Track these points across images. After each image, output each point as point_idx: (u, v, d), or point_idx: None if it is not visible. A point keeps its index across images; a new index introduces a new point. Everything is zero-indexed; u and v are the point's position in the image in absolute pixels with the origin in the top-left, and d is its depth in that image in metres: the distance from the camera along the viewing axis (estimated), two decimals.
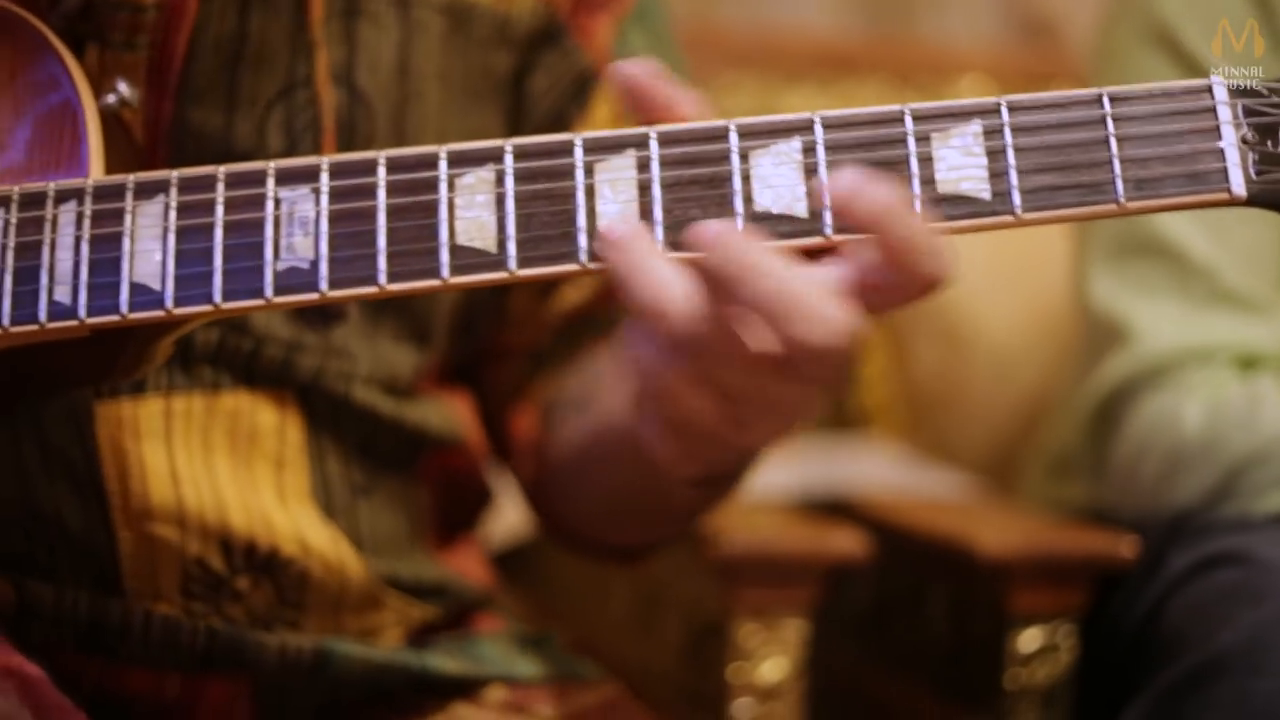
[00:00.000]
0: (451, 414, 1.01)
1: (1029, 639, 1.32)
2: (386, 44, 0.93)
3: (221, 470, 0.91)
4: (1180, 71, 1.30)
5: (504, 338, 1.03)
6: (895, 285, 0.69)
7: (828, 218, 0.71)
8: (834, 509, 1.53)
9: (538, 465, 1.03)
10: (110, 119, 0.82)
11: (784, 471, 1.62)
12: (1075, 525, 1.39)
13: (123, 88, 0.85)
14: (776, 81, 1.93)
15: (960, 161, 0.71)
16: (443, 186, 0.73)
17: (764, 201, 0.71)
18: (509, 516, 1.27)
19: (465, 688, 0.97)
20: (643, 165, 0.72)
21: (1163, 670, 1.15)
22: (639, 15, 1.02)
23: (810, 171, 0.71)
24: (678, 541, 1.05)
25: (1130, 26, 1.35)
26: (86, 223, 0.76)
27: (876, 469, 1.67)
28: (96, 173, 0.79)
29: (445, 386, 1.02)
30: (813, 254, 0.71)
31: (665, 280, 0.69)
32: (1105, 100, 0.71)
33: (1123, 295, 1.32)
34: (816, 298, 0.68)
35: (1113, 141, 0.71)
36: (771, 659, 1.29)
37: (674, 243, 0.71)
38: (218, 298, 0.74)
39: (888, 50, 2.11)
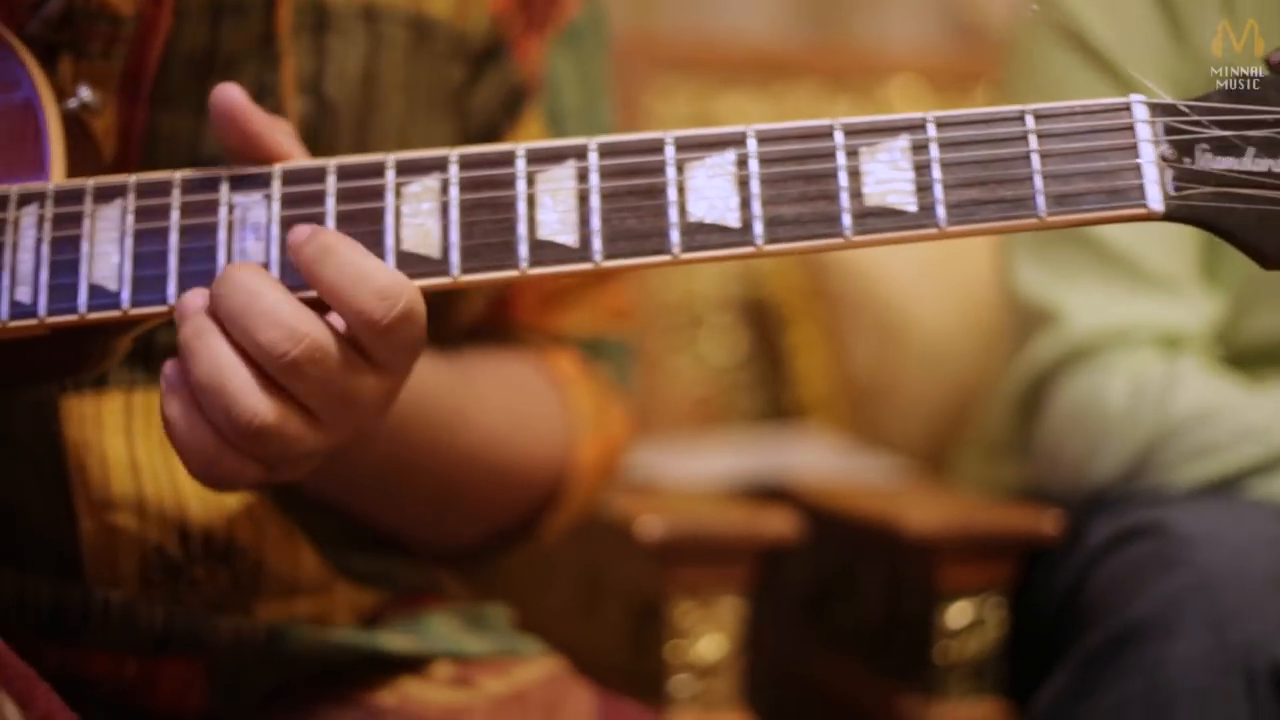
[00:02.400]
0: None
1: (958, 613, 1.35)
2: (354, 55, 0.95)
3: (180, 462, 0.93)
4: (1089, 68, 1.32)
5: None
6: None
7: (758, 228, 0.73)
8: (771, 495, 1.56)
9: None
10: (72, 122, 0.84)
11: (722, 460, 1.65)
12: (1002, 503, 1.42)
13: (84, 92, 0.86)
14: (713, 85, 1.95)
15: (888, 175, 0.73)
16: (389, 195, 0.75)
17: (697, 212, 0.73)
18: None
19: (413, 664, 0.99)
20: (582, 175, 0.74)
21: (1082, 639, 1.18)
22: (569, 37, 1.05)
23: (743, 183, 0.73)
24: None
25: (1040, 24, 1.37)
26: (47, 226, 0.78)
27: (813, 456, 1.70)
28: (57, 175, 0.80)
29: None
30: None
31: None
32: (1029, 117, 0.73)
33: (1047, 281, 1.34)
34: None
35: (1034, 157, 0.72)
36: (708, 636, 1.31)
37: (612, 253, 0.74)
38: (173, 299, 0.76)
39: (822, 53, 2.13)
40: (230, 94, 0.79)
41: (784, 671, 1.55)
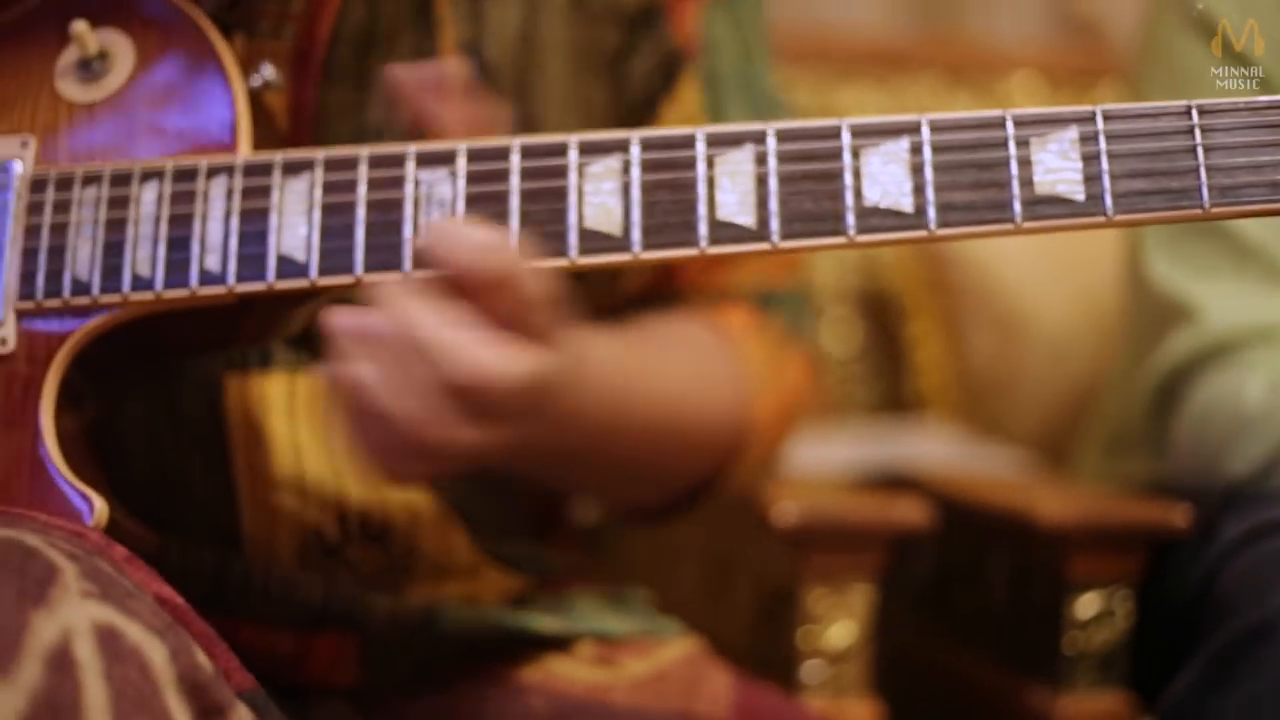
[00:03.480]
0: None
1: (1087, 604, 1.35)
2: (512, 17, 0.96)
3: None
4: (1222, 60, 1.33)
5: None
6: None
7: (931, 213, 0.75)
8: (896, 484, 1.57)
9: None
10: (255, 101, 0.86)
11: (844, 449, 1.66)
12: (1131, 497, 1.41)
13: (267, 70, 0.88)
14: (831, 79, 1.96)
15: (1057, 165, 0.74)
16: (573, 174, 0.77)
17: (873, 196, 0.75)
18: None
19: (559, 643, 1.01)
20: (760, 159, 0.76)
21: (1215, 634, 1.17)
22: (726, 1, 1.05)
23: (917, 170, 0.75)
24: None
25: (1173, 17, 1.36)
26: (236, 197, 0.80)
27: (934, 447, 1.71)
28: (245, 150, 0.82)
29: None
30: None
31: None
32: (1194, 112, 0.74)
33: (1182, 276, 1.34)
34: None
35: (1200, 150, 0.74)
36: (840, 622, 1.32)
37: (788, 234, 0.75)
38: (359, 270, 0.78)
39: (938, 48, 2.14)
40: (402, 74, 0.80)
41: (907, 659, 1.55)
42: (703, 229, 0.76)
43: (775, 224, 0.76)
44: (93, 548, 0.73)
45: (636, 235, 0.76)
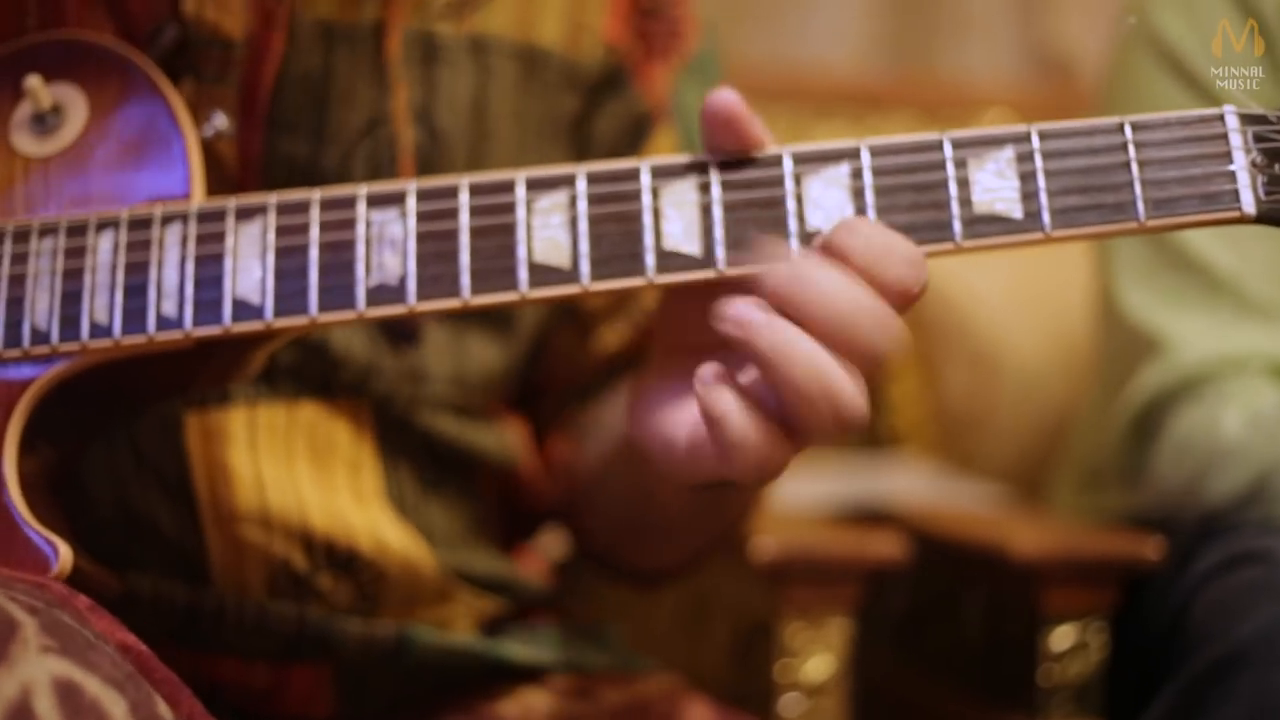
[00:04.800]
0: (509, 442, 1.05)
1: (1061, 637, 1.35)
2: (463, 86, 0.97)
3: (303, 475, 0.95)
4: (1187, 91, 1.33)
5: (545, 374, 1.07)
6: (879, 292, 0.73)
7: None
8: (872, 518, 1.57)
9: (568, 485, 1.07)
10: (206, 149, 0.87)
11: (820, 484, 1.67)
12: (1105, 530, 1.42)
13: (219, 119, 0.90)
14: (807, 117, 1.97)
15: (994, 184, 0.75)
16: (520, 210, 0.78)
17: (815, 221, 0.76)
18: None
19: (533, 675, 1.01)
20: (704, 189, 0.77)
21: (1186, 664, 1.18)
22: (697, 67, 1.06)
23: (857, 194, 0.76)
24: (696, 562, 1.07)
25: (1138, 51, 1.38)
26: (191, 243, 0.80)
27: (910, 482, 1.71)
28: (198, 197, 0.83)
29: (509, 413, 1.06)
30: None
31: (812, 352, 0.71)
32: (1127, 128, 0.75)
33: (1154, 308, 1.35)
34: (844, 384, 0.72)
35: (1134, 165, 0.75)
36: (817, 656, 1.33)
37: (734, 261, 0.76)
38: (314, 310, 0.79)
39: (912, 86, 2.16)
40: (727, 99, 0.77)
41: (884, 693, 1.55)
42: (650, 259, 0.77)
43: (720, 251, 0.76)
44: (55, 599, 0.74)
45: (585, 267, 0.77)
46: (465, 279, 0.78)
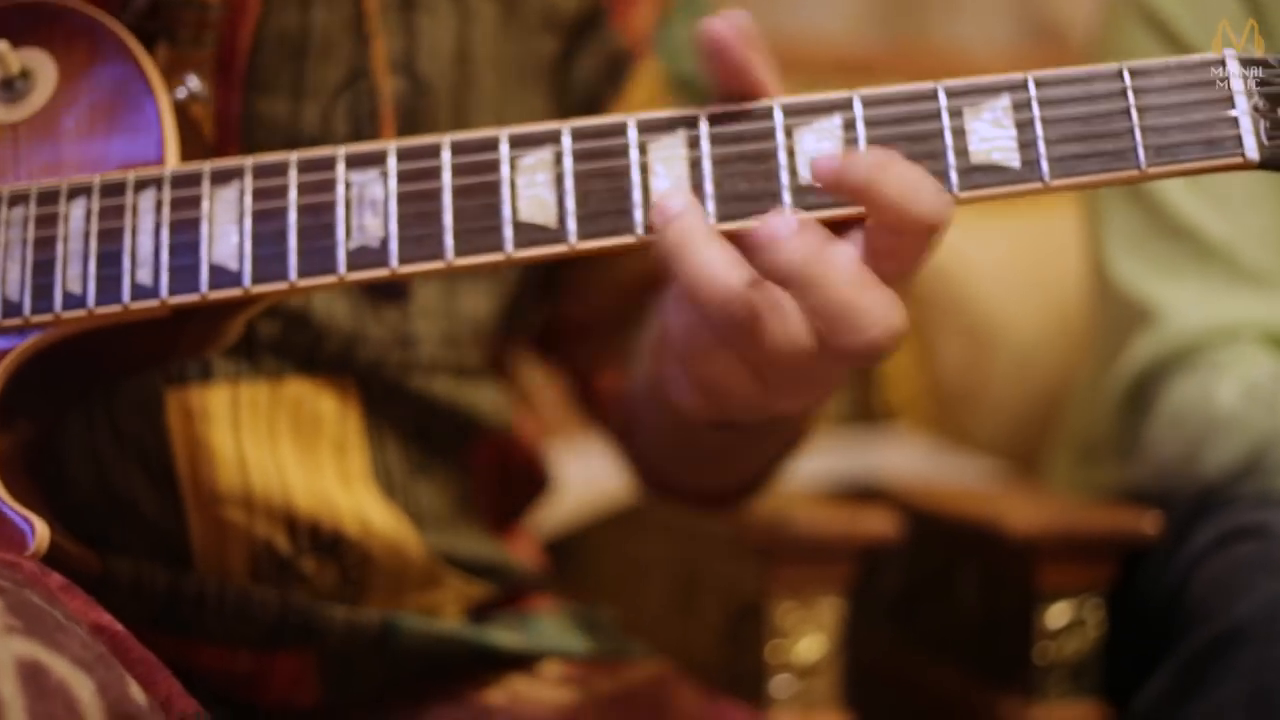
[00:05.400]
0: (504, 403, 1.04)
1: (1057, 614, 1.34)
2: (444, 32, 0.96)
3: (286, 455, 0.93)
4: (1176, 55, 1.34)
5: (570, 309, 1.06)
6: (903, 236, 0.72)
7: None
8: (865, 495, 1.56)
9: (624, 416, 1.06)
10: (180, 113, 0.85)
11: (814, 461, 1.65)
12: (1101, 505, 1.41)
13: (192, 82, 0.88)
14: (799, 86, 1.95)
15: (991, 133, 0.74)
16: (505, 167, 0.76)
17: (808, 175, 0.74)
18: (557, 508, 1.30)
19: (522, 662, 1.00)
20: (693, 143, 0.75)
21: (1185, 640, 1.18)
22: (684, 3, 1.04)
23: (851, 145, 0.74)
24: (759, 486, 1.07)
25: (1127, 19, 1.38)
26: (166, 209, 0.79)
27: (904, 458, 1.70)
28: (172, 162, 0.81)
29: (502, 373, 1.05)
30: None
31: (711, 260, 0.70)
32: (1125, 74, 0.74)
33: (1145, 277, 1.34)
34: (873, 308, 0.71)
35: (1133, 112, 0.74)
36: (809, 636, 1.31)
37: (725, 215, 0.74)
38: (293, 276, 0.77)
39: (905, 56, 2.15)
40: (715, 27, 0.75)
41: (877, 672, 1.54)
42: (639, 215, 0.75)
43: (711, 205, 0.75)
44: (25, 579, 0.72)
45: (572, 225, 0.76)
46: (449, 240, 0.76)
